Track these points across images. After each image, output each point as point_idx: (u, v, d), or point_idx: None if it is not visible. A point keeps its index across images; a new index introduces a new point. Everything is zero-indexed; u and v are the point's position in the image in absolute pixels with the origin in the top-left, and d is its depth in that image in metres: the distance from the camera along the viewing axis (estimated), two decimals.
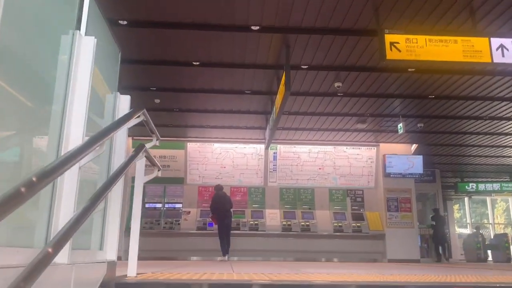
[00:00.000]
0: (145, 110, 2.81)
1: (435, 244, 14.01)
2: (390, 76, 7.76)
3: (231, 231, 10.32)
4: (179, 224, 11.56)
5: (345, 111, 9.62)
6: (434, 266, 7.65)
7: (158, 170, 3.45)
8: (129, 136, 12.17)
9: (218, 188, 10.64)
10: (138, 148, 2.65)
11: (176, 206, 11.95)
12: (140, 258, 8.24)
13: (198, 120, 10.41)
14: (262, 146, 12.03)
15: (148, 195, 11.87)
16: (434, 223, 14.03)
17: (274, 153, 12.13)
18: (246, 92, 8.58)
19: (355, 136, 11.61)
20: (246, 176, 12.18)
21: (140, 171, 3.16)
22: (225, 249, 9.92)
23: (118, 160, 2.60)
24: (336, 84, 8.04)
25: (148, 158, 3.09)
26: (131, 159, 2.37)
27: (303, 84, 8.17)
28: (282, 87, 6.96)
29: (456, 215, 22.65)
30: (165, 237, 11.23)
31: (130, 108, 2.76)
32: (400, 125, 9.63)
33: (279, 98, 7.33)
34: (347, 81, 7.99)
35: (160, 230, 11.37)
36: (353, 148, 12.33)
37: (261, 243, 11.29)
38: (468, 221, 21.92)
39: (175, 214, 11.79)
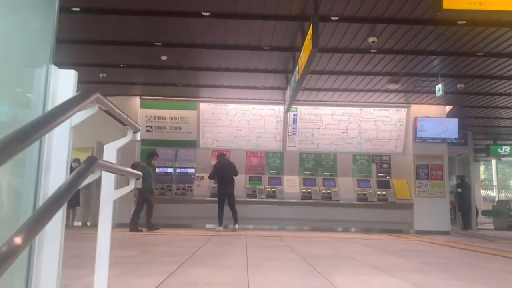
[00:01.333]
0: (99, 95, 1.80)
1: (462, 213, 13.14)
2: (435, 30, 6.55)
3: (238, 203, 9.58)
4: (191, 190, 10.84)
5: (377, 70, 8.47)
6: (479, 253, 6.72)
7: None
8: (136, 95, 11.31)
9: (221, 156, 9.98)
10: (89, 163, 1.59)
11: (188, 171, 11.19)
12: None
13: (211, 79, 9.39)
14: (281, 108, 11.01)
15: (159, 159, 11.09)
16: (460, 191, 13.09)
17: (294, 115, 11.12)
18: (265, 48, 7.48)
19: (384, 97, 10.48)
20: (263, 140, 11.27)
21: (108, 185, 2.24)
22: (222, 219, 9.50)
23: (55, 179, 1.63)
24: (371, 39, 6.88)
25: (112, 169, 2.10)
26: (74, 180, 1.39)
27: (332, 39, 7.03)
28: (308, 43, 5.86)
29: (481, 176, 21.66)
30: (177, 204, 10.56)
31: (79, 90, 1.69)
32: (439, 86, 8.47)
33: (304, 56, 6.25)
34: (383, 35, 6.82)
35: (172, 197, 10.69)
36: (381, 110, 11.21)
37: (278, 211, 10.54)
38: (495, 183, 20.91)
39: (188, 180, 11.05)
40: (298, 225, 10.71)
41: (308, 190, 10.76)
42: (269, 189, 10.88)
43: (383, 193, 10.94)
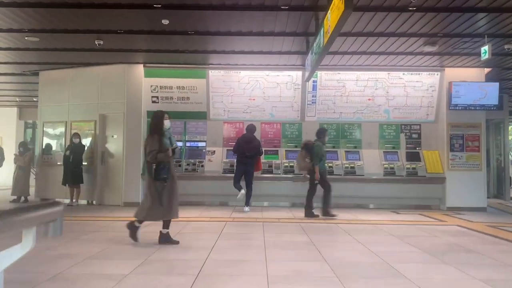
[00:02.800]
0: None
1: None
2: None
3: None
4: (202, 166, 9.99)
5: (413, 31, 7.26)
6: None
7: None
8: (140, 63, 10.26)
9: (248, 128, 9.10)
10: None
11: (199, 145, 10.30)
12: None
13: (220, 44, 8.29)
14: (299, 74, 9.90)
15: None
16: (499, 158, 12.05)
17: (313, 82, 9.99)
18: (283, 7, 6.34)
19: (416, 60, 9.25)
20: (279, 109, 10.24)
21: None
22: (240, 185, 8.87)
23: None
24: None
25: None
26: None
27: None
28: (338, 2, 4.74)
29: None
30: (188, 180, 9.72)
31: None
32: (485, 48, 7.25)
33: (332, 17, 5.13)
34: None
35: (182, 173, 9.85)
36: (411, 74, 10.01)
37: (295, 188, 9.63)
38: None
39: (198, 154, 10.18)
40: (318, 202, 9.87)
41: (330, 165, 9.80)
42: (286, 164, 9.98)
43: (413, 166, 9.95)
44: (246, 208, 8.78)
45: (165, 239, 5.34)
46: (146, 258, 4.53)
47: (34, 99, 15.49)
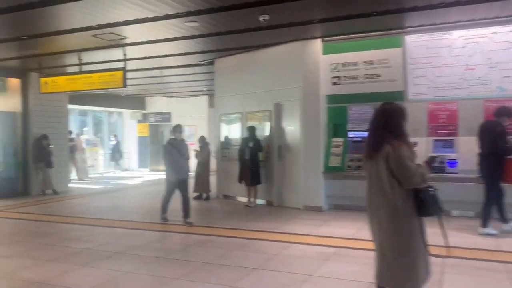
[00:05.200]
0: None
1: None
2: None
3: None
4: None
5: None
6: None
7: None
8: (316, 37, 8.47)
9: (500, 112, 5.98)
10: None
11: None
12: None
13: None
14: None
15: (352, 120, 8.25)
16: None
17: None
18: None
19: None
20: None
21: None
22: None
23: None
24: None
25: None
26: None
27: None
28: None
29: None
30: None
31: None
32: None
33: None
34: None
35: None
36: None
37: None
38: None
39: None
40: None
41: None
42: None
43: None
44: (489, 230, 5.92)
45: None
46: None
47: (204, 89, 15.48)
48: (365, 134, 7.89)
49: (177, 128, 7.58)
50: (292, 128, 8.68)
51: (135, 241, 6.04)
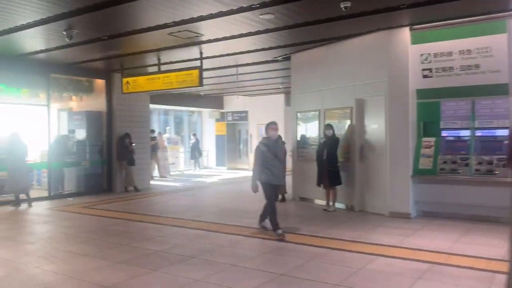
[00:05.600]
0: None
1: None
2: None
3: None
4: (503, 166, 6.67)
5: None
6: None
7: None
8: (404, 25, 7.66)
9: None
10: None
11: (497, 134, 6.98)
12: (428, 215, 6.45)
13: None
14: None
15: (445, 117, 7.35)
16: None
17: None
18: None
19: None
20: None
21: None
22: None
23: None
24: None
25: None
26: None
27: None
28: None
29: None
30: (479, 186, 6.74)
31: None
32: None
33: None
34: None
35: (468, 177, 6.89)
36: None
37: None
38: None
39: (496, 148, 6.87)
40: None
41: None
42: None
43: None
44: None
45: None
46: None
47: (280, 87, 15.00)
48: (461, 133, 7.12)
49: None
50: (376, 126, 7.97)
51: (207, 245, 5.80)
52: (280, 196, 9.64)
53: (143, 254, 5.36)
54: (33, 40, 7.95)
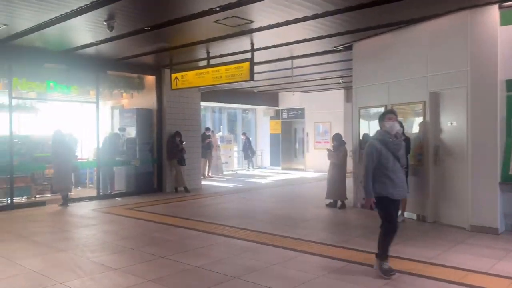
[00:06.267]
0: None
1: None
2: None
3: None
4: None
5: None
6: None
7: None
8: (491, 3, 6.38)
9: None
10: None
11: None
12: None
13: None
14: None
15: None
16: None
17: None
18: None
19: None
20: None
21: None
22: None
23: None
24: None
25: None
26: None
27: None
28: None
29: None
30: None
31: None
32: None
33: None
34: None
35: None
36: None
37: None
38: None
39: None
40: None
41: None
42: None
43: None
44: None
45: None
46: None
47: (340, 81, 13.82)
48: None
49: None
50: (454, 124, 6.77)
51: (255, 261, 5.00)
52: (339, 203, 8.68)
53: (180, 270, 4.66)
54: (78, 33, 7.59)
